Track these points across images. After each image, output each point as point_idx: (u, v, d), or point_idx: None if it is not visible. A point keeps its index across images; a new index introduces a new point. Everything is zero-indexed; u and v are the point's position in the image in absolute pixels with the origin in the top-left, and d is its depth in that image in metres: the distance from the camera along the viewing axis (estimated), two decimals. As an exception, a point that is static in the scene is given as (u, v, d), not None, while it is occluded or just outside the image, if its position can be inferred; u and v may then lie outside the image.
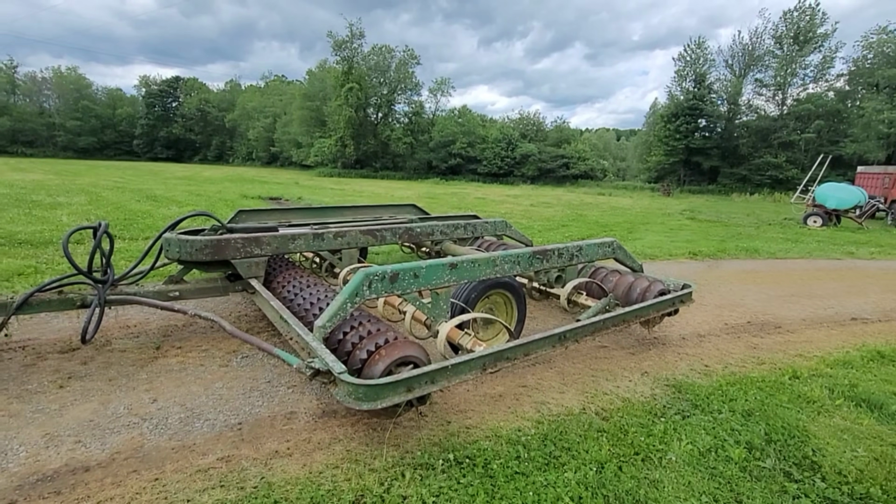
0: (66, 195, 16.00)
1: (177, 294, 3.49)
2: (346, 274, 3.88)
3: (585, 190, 47.42)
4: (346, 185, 35.91)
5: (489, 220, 5.22)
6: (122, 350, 3.42)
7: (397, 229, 4.38)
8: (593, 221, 16.60)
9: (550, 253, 3.54)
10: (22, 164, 46.63)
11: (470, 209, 19.12)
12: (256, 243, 3.60)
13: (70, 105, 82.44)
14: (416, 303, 2.85)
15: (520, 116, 66.87)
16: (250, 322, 4.13)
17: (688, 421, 2.87)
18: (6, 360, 3.18)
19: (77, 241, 7.90)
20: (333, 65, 58.62)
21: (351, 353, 2.52)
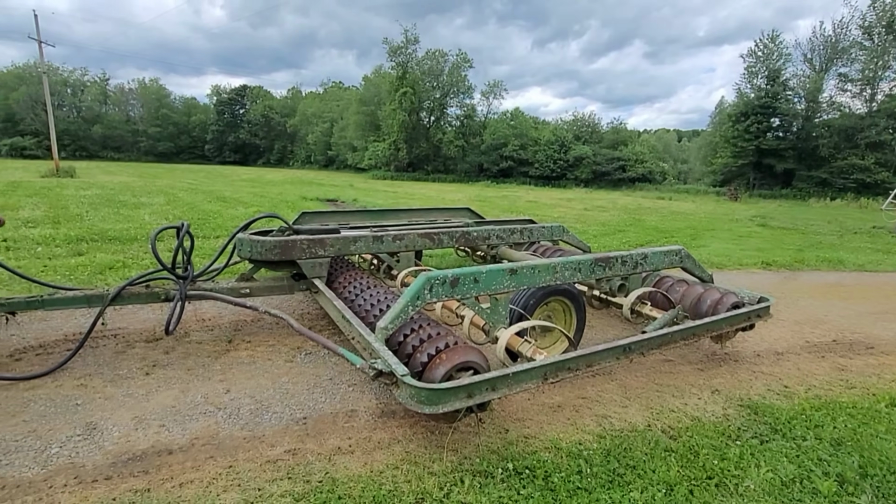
0: (147, 196, 17.49)
1: (247, 291, 3.70)
2: (403, 276, 3.95)
3: (643, 194, 45.46)
4: (399, 187, 36.64)
5: (546, 225, 5.12)
6: (199, 342, 3.68)
7: (454, 233, 4.40)
8: (652, 227, 15.87)
9: (613, 261, 3.41)
10: (111, 167, 51.57)
11: (521, 213, 18.88)
12: (320, 245, 3.74)
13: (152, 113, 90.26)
14: (474, 308, 2.84)
15: (574, 118, 65.28)
16: (312, 320, 4.30)
17: (767, 446, 2.65)
18: (101, 347, 3.50)
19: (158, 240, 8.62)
20: (388, 70, 60.13)
21: (412, 355, 2.55)
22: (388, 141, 57.00)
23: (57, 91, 79.86)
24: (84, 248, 7.86)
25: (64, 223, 10.42)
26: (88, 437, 2.43)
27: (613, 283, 3.59)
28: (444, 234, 4.34)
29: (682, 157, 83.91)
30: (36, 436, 2.41)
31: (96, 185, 21.63)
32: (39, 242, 8.15)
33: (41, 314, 4.01)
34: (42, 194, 16.36)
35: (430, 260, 6.76)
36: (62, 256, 7.08)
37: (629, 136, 65.07)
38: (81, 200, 14.89)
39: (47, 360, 3.25)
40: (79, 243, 8.27)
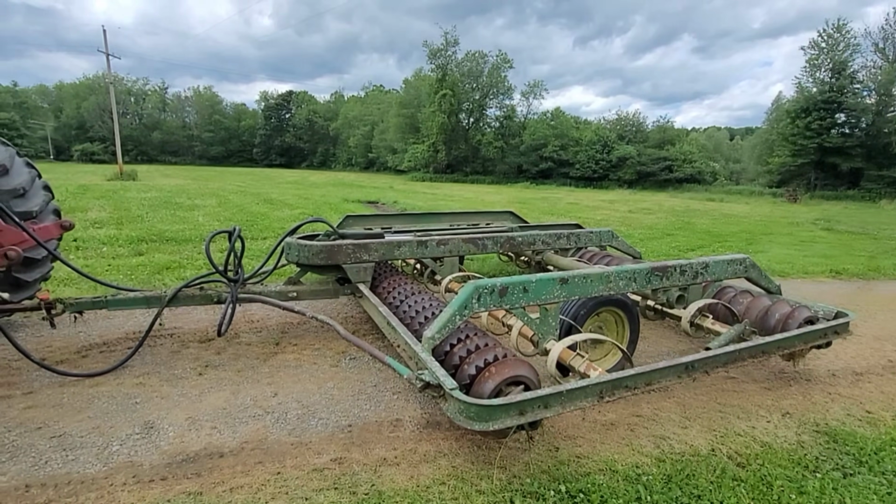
0: (200, 198, 18.40)
1: (294, 294, 3.75)
2: (448, 282, 3.89)
3: (691, 195, 43.49)
4: (437, 189, 36.81)
5: (594, 230, 4.91)
6: (248, 343, 3.76)
7: (498, 238, 4.30)
8: (703, 230, 15.09)
9: (671, 270, 3.20)
10: (168, 170, 54.91)
11: (562, 215, 18.45)
12: (365, 249, 3.74)
13: (205, 119, 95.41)
14: (523, 318, 2.73)
15: (617, 117, 63.45)
16: (356, 324, 4.32)
17: (852, 481, 2.38)
18: (159, 346, 3.65)
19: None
20: (428, 73, 60.63)
21: (459, 366, 2.47)
22: (427, 143, 57.47)
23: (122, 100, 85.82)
24: (144, 248, 8.32)
25: (126, 224, 11.11)
26: (146, 436, 2.51)
27: (671, 294, 3.37)
28: (488, 240, 4.25)
29: (734, 157, 79.73)
30: (99, 432, 2.51)
31: (155, 188, 23.00)
32: (105, 242, 8.70)
33: (105, 313, 4.23)
34: (108, 197, 17.54)
35: (472, 264, 6.68)
36: (124, 256, 7.52)
37: (676, 134, 62.45)
38: (142, 202, 15.85)
39: (110, 357, 3.42)
40: (139, 243, 8.77)
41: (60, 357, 3.41)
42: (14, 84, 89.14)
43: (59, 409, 2.73)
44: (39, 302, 3.14)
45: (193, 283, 3.54)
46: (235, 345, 3.72)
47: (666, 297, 3.37)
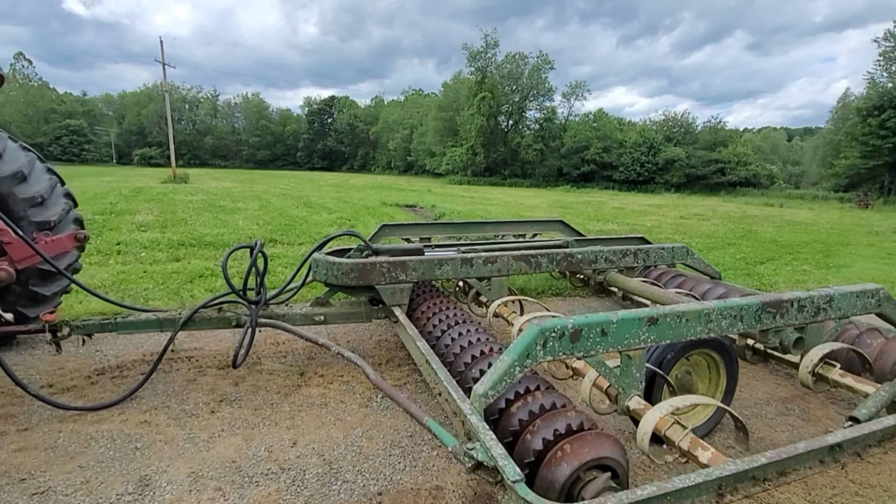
0: (243, 201, 18.70)
1: (322, 318, 3.31)
2: (496, 307, 3.33)
3: (747, 199, 40.81)
4: (475, 192, 36.26)
5: (665, 246, 4.21)
6: (271, 372, 3.35)
7: (554, 255, 3.70)
8: (768, 240, 13.75)
9: (787, 305, 2.51)
10: (218, 173, 57.28)
11: (609, 221, 17.44)
12: (402, 268, 3.25)
13: (253, 124, 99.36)
14: (600, 368, 2.14)
15: (664, 117, 60.75)
16: (390, 349, 3.83)
17: None
18: (174, 372, 3.30)
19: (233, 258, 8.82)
20: (468, 76, 60.26)
21: (519, 434, 1.92)
22: (465, 146, 57.06)
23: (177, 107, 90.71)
24: (182, 253, 8.24)
25: (170, 227, 11.24)
26: (139, 496, 2.10)
27: (785, 336, 2.67)
28: (542, 257, 3.66)
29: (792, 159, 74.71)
30: (87, 489, 2.13)
31: (202, 191, 23.72)
32: (146, 246, 8.71)
33: (126, 329, 3.96)
34: (157, 199, 18.13)
35: (517, 280, 6.08)
36: (161, 262, 7.42)
37: (729, 135, 59.02)
38: (188, 205, 16.22)
39: (121, 384, 3.09)
40: (179, 248, 8.72)
41: (70, 382, 3.11)
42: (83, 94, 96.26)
43: (51, 452, 2.38)
44: (44, 324, 2.84)
45: (211, 303, 3.16)
46: (256, 373, 3.32)
47: (779, 338, 2.67)
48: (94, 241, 9.00)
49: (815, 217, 25.06)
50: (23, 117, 77.94)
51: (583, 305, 5.29)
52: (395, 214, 15.76)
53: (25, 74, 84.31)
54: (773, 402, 3.22)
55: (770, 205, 35.11)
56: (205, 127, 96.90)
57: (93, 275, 6.19)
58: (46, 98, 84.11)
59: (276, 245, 9.54)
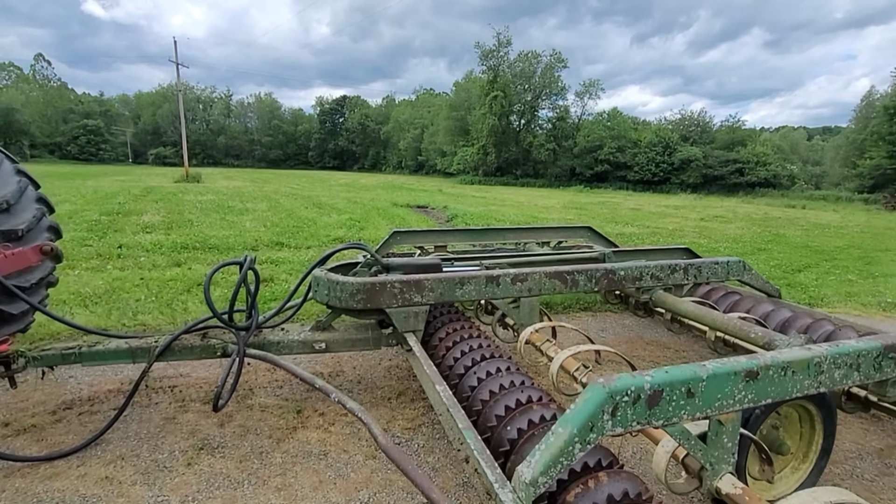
0: (252, 202, 18.40)
1: (323, 346, 2.82)
2: (528, 335, 2.81)
3: (767, 201, 39.68)
4: (487, 192, 35.70)
5: (719, 261, 3.64)
6: (263, 408, 2.87)
7: (594, 272, 3.17)
8: (799, 244, 13.01)
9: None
10: (230, 173, 57.41)
11: (627, 223, 16.77)
12: (417, 288, 2.75)
13: (265, 124, 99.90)
14: (685, 440, 1.62)
15: (680, 116, 59.51)
16: (402, 378, 3.34)
17: None
18: (152, 406, 2.84)
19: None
20: (479, 75, 59.64)
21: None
22: (476, 145, 56.48)
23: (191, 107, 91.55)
24: (184, 257, 7.85)
25: (175, 229, 10.90)
26: None
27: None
28: (579, 274, 3.13)
29: (812, 159, 72.79)
30: (17, 582, 1.67)
31: (212, 191, 23.53)
32: (148, 249, 8.35)
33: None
34: (167, 199, 17.91)
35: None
36: (161, 267, 7.03)
37: (747, 134, 57.68)
38: (196, 206, 15.94)
39: (89, 423, 2.64)
40: (181, 252, 8.35)
41: (30, 420, 2.67)
42: (101, 94, 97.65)
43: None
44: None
45: (193, 329, 2.69)
46: (246, 409, 2.84)
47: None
48: (96, 243, 8.68)
49: (842, 219, 24.07)
50: (42, 117, 79.18)
51: (617, 323, 4.74)
52: (407, 216, 15.29)
53: (45, 75, 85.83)
54: (865, 455, 2.65)
55: (792, 206, 34.01)
56: (218, 127, 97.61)
57: (86, 282, 5.81)
58: (65, 98, 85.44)
59: (283, 249, 9.12)
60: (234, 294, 2.52)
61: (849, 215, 27.45)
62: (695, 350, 4.02)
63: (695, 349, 4.05)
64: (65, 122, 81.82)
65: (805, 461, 2.23)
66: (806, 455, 2.24)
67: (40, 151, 78.69)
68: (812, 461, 2.22)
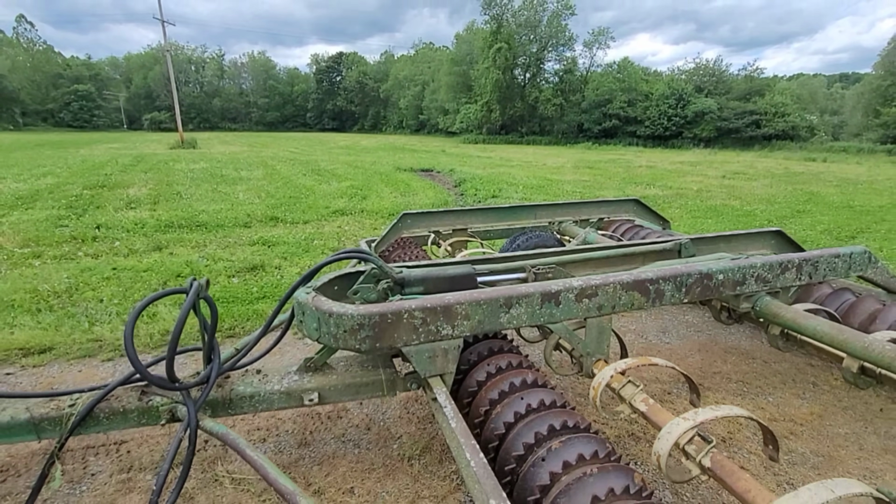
0: (248, 169, 17.36)
1: (314, 398, 2.01)
2: (608, 379, 1.98)
3: (785, 154, 38.03)
4: (492, 151, 34.27)
5: (839, 253, 2.72)
6: (237, 482, 2.09)
7: (684, 279, 2.28)
8: (839, 204, 12.01)
9: None
10: (227, 137, 55.57)
11: (648, 183, 15.66)
12: (446, 316, 1.89)
13: (260, 85, 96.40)
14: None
15: (694, 66, 56.38)
16: (424, 424, 2.54)
17: None
18: (87, 480, 2.07)
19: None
20: (482, 26, 56.27)
21: None
22: (480, 102, 54.12)
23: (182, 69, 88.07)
24: (167, 239, 7.03)
25: (162, 203, 10.02)
26: None
27: None
28: (666, 283, 2.26)
29: (830, 108, 69.62)
30: None
31: (207, 158, 22.44)
32: (128, 230, 7.53)
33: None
34: (157, 169, 16.91)
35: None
36: (139, 252, 6.21)
37: (766, 84, 54.85)
38: (187, 175, 14.96)
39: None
40: (165, 231, 7.53)
41: (-90, 512, 1.91)
42: (88, 57, 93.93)
43: None
44: None
45: (128, 381, 1.86)
46: (212, 485, 2.06)
47: None
48: (73, 223, 7.84)
49: (870, 173, 22.82)
50: (31, 83, 76.50)
51: (676, 320, 3.90)
52: (411, 182, 14.26)
53: (29, 38, 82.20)
54: None
55: (812, 159, 32.51)
56: (212, 89, 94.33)
57: (47, 276, 5.01)
58: (52, 63, 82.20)
59: (278, 225, 8.26)
60: (173, 338, 1.67)
61: (874, 168, 26.07)
62: (791, 361, 3.20)
63: (789, 359, 3.22)
64: (55, 88, 79.18)
65: None
66: None
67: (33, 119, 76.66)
68: None
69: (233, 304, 4.18)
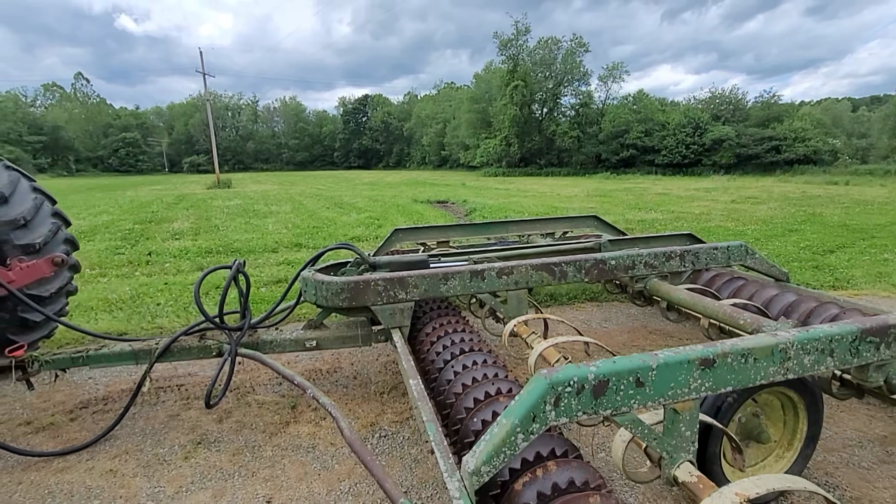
0: (277, 204, 18.93)
1: (314, 344, 2.93)
2: (513, 327, 2.83)
3: (806, 178, 37.66)
4: (511, 183, 35.38)
5: (719, 246, 3.53)
6: (260, 404, 3.01)
7: (583, 263, 3.14)
8: (837, 224, 12.35)
9: (894, 331, 1.87)
10: (260, 177, 59.09)
11: (653, 209, 16.31)
12: (401, 285, 2.81)
13: (291, 127, 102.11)
14: (636, 428, 1.62)
15: (711, 95, 57.07)
16: (396, 374, 3.42)
17: None
18: (159, 404, 3.03)
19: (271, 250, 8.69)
20: (499, 65, 58.90)
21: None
22: (499, 137, 55.95)
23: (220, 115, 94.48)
24: (208, 262, 8.20)
25: (202, 234, 11.37)
26: (79, 575, 1.79)
27: (893, 371, 2.03)
28: (568, 265, 3.11)
29: (858, 131, 68.39)
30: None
31: (241, 196, 24.31)
32: (175, 255, 8.76)
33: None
34: (197, 206, 18.65)
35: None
36: (185, 272, 7.37)
37: (784, 109, 54.84)
38: (223, 211, 16.55)
39: (101, 421, 2.84)
40: (206, 256, 8.72)
41: (49, 418, 2.90)
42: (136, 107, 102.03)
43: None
44: (10, 361, 2.61)
45: (191, 331, 2.85)
46: (244, 406, 2.99)
47: (884, 374, 2.03)
48: (126, 252, 9.16)
49: (889, 195, 22.61)
50: (84, 133, 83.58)
51: (622, 313, 4.67)
52: (425, 212, 15.38)
53: (85, 93, 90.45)
54: (867, 443, 2.54)
55: (834, 183, 32.18)
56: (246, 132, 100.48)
57: (114, 289, 6.17)
58: (104, 113, 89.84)
59: (301, 250, 9.38)
60: (222, 297, 2.66)
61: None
62: (699, 338, 3.92)
63: (699, 337, 3.95)
64: (105, 136, 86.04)
65: (790, 449, 2.17)
66: (791, 443, 2.17)
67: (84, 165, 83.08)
68: (797, 449, 2.15)
69: (261, 304, 5.18)
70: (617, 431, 1.82)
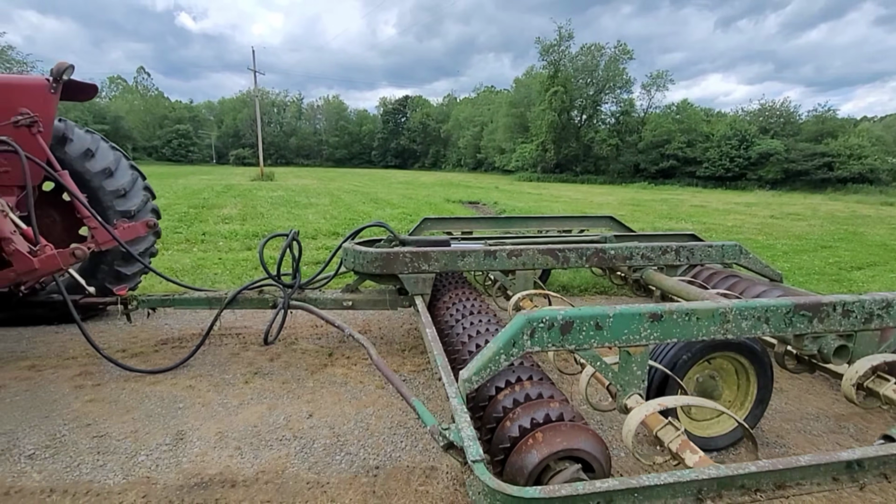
0: (317, 197, 19.94)
1: (350, 304, 3.52)
2: (518, 300, 3.32)
3: (859, 198, 35.84)
4: (544, 189, 35.46)
5: (714, 244, 3.89)
6: (304, 351, 3.62)
7: (585, 250, 3.59)
8: (877, 243, 12.05)
9: (826, 309, 2.25)
10: (300, 172, 61.43)
11: (684, 219, 16.25)
12: (424, 258, 3.35)
13: (332, 125, 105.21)
14: (595, 363, 2.08)
15: (760, 107, 55.08)
16: (417, 337, 3.96)
17: None
18: (222, 346, 3.69)
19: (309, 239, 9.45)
20: (540, 70, 58.92)
21: (501, 420, 1.94)
22: (535, 142, 55.93)
23: (266, 111, 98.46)
24: (255, 243, 9.03)
25: (249, 220, 12.34)
26: (173, 448, 2.41)
27: (825, 343, 2.39)
28: (571, 252, 3.56)
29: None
30: (134, 437, 2.49)
31: (283, 188, 25.61)
32: (226, 237, 9.66)
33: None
34: (244, 195, 19.92)
35: (562, 276, 5.93)
36: (235, 250, 8.20)
37: (840, 125, 52.23)
38: (268, 201, 17.66)
39: (178, 353, 3.52)
40: (253, 239, 9.57)
41: (139, 349, 3.60)
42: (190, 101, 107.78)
43: (113, 405, 2.79)
44: (117, 298, 3.31)
45: (253, 286, 3.49)
46: (290, 352, 3.61)
47: (817, 345, 2.39)
48: (183, 231, 10.15)
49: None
50: (142, 123, 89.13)
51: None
52: (456, 210, 15.93)
53: (145, 86, 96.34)
54: (823, 418, 2.88)
55: (889, 203, 30.56)
56: (290, 129, 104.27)
57: (177, 260, 7.02)
58: (161, 106, 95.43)
59: (338, 238, 10.10)
60: (279, 259, 3.28)
61: (959, 214, 24.32)
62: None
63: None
64: (160, 127, 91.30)
65: (741, 409, 2.56)
66: (742, 403, 2.56)
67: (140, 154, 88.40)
68: (748, 409, 2.54)
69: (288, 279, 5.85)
70: (581, 375, 2.28)
